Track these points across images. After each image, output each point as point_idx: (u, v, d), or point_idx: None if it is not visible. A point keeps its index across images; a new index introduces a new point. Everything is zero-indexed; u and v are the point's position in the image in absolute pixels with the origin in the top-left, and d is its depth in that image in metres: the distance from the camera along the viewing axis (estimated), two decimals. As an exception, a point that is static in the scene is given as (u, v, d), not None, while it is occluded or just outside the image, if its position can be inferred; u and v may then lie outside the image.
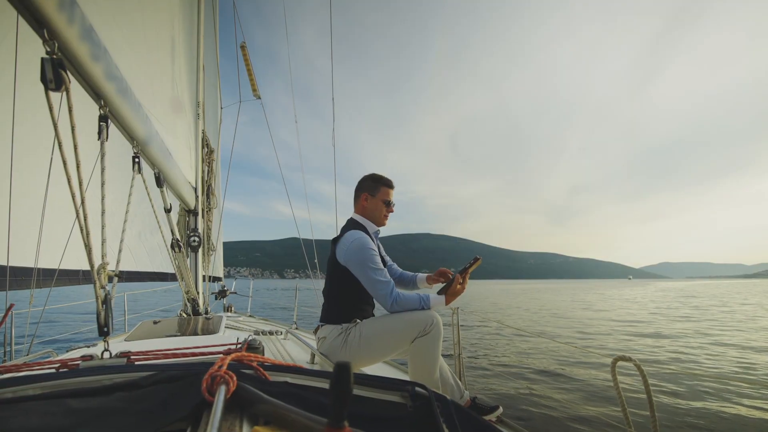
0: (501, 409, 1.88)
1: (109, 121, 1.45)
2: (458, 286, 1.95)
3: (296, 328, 3.57)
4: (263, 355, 1.42)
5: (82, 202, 1.16)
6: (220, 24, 4.41)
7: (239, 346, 1.45)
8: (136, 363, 1.21)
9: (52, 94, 1.06)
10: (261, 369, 0.93)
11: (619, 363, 1.40)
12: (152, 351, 1.32)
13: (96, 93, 1.33)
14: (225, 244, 6.13)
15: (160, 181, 2.17)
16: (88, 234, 1.20)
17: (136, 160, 1.79)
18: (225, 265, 6.50)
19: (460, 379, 2.46)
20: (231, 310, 5.11)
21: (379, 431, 0.80)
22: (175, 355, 1.32)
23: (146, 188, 1.92)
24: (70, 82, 1.08)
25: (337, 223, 3.65)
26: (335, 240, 2.03)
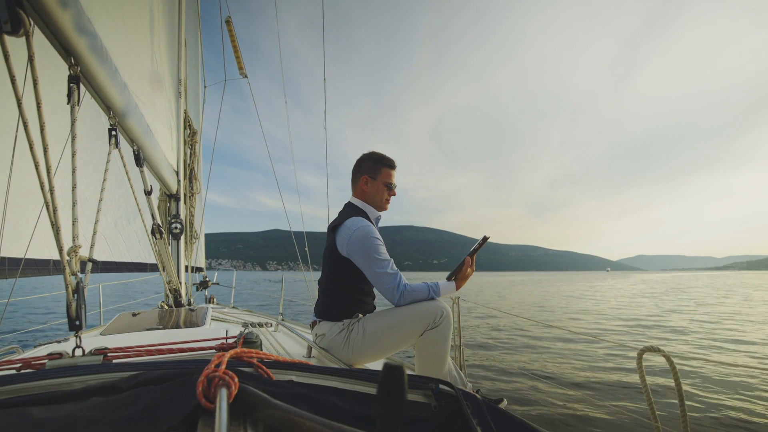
0: (505, 402, 1.78)
1: (81, 85, 1.26)
2: (469, 269, 1.83)
3: (283, 320, 3.43)
4: (261, 349, 1.28)
5: (48, 172, 0.98)
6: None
7: (234, 340, 1.30)
8: (114, 361, 1.06)
9: (9, 40, 0.88)
10: (263, 367, 0.80)
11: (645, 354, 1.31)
12: (133, 347, 1.16)
13: (65, 48, 1.14)
14: (206, 235, 5.91)
15: (139, 159, 1.97)
16: (55, 211, 1.03)
17: (113, 133, 1.59)
18: (206, 257, 6.27)
19: (462, 371, 2.36)
20: (213, 302, 4.91)
21: None
22: (160, 351, 1.17)
23: (124, 165, 1.72)
24: (32, 25, 0.90)
25: (328, 213, 3.50)
26: (334, 228, 1.85)
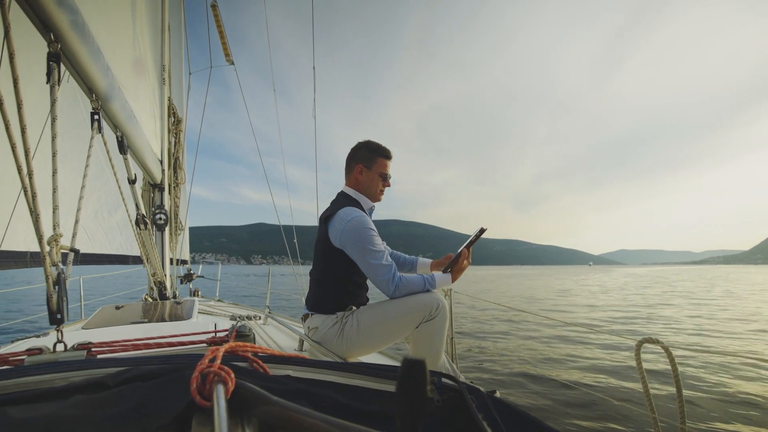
0: (498, 394, 1.77)
1: (62, 64, 1.19)
2: (465, 262, 1.81)
3: (270, 312, 3.37)
4: (254, 342, 1.23)
5: (27, 155, 0.92)
6: (187, -18, 4.01)
7: (226, 333, 1.25)
8: (99, 357, 1.00)
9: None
10: (259, 361, 0.76)
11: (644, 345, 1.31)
12: (118, 341, 1.10)
13: (43, 22, 1.06)
14: (189, 229, 5.78)
15: (123, 146, 1.88)
16: (34, 197, 0.96)
17: (96, 117, 1.51)
18: (190, 251, 6.14)
19: (453, 362, 2.35)
20: (198, 295, 4.82)
21: None
22: (147, 346, 1.11)
23: (108, 152, 1.64)
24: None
25: (317, 206, 3.45)
26: (326, 218, 1.79)
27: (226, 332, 1.31)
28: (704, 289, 21.21)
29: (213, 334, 1.34)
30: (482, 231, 1.85)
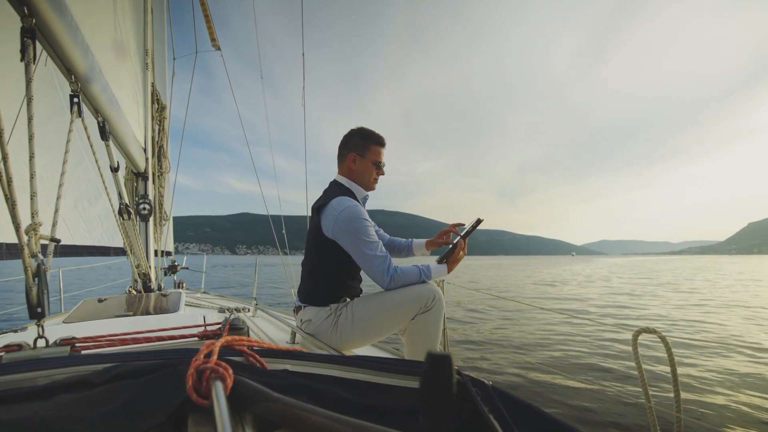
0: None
1: (37, 41, 1.10)
2: (461, 252, 1.79)
3: (257, 305, 3.32)
4: (248, 336, 1.19)
5: (0, 137, 0.85)
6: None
7: (218, 327, 1.21)
8: (84, 353, 0.95)
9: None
10: (255, 355, 0.72)
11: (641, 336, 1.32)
12: (104, 336, 1.04)
13: (17, -6, 0.98)
14: (173, 218, 5.64)
15: (104, 132, 1.79)
16: (10, 182, 0.89)
17: (75, 100, 1.43)
18: (174, 241, 6.00)
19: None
20: (182, 287, 4.72)
21: (409, 425, 0.66)
22: (135, 341, 1.06)
23: (88, 137, 1.56)
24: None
25: (307, 195, 3.38)
26: (318, 208, 1.75)
27: (218, 326, 1.26)
28: (688, 279, 21.73)
29: (203, 328, 1.29)
30: (478, 222, 1.84)
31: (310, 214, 3.23)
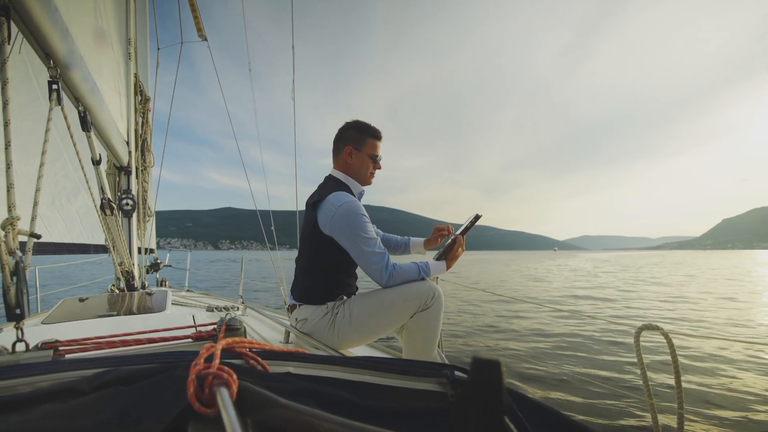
0: None
1: (12, 20, 1.02)
2: (459, 249, 1.76)
3: (243, 302, 3.24)
4: (245, 337, 1.13)
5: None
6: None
7: (213, 327, 1.14)
8: (68, 357, 0.87)
9: None
10: (258, 358, 0.67)
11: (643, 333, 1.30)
12: (90, 339, 0.97)
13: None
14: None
15: (86, 122, 1.69)
16: (-16, 172, 0.81)
17: (54, 87, 1.34)
18: (156, 236, 5.84)
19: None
20: (165, 285, 4.59)
21: (420, 428, 0.61)
22: (124, 343, 0.99)
23: (68, 127, 1.46)
24: None
25: (296, 190, 3.31)
26: (314, 203, 1.68)
27: (212, 326, 1.20)
28: (669, 274, 22.21)
29: (196, 329, 1.22)
30: (477, 218, 1.81)
31: (298, 208, 3.17)
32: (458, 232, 1.79)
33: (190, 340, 1.08)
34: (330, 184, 1.75)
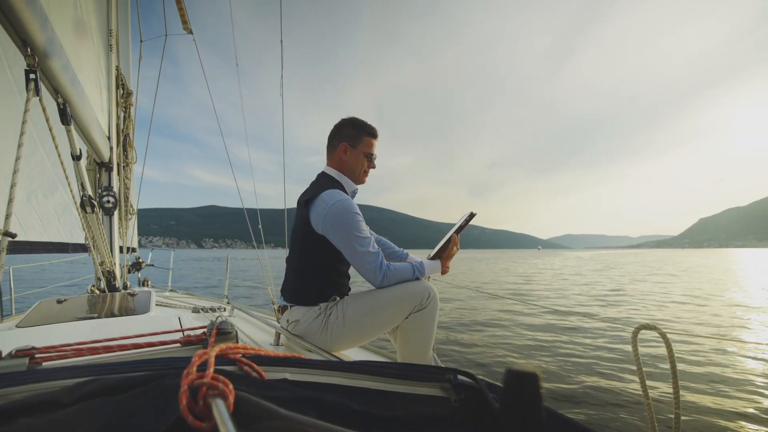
0: None
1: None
2: (455, 248, 1.73)
3: (228, 302, 3.16)
4: (237, 340, 1.08)
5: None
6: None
7: (203, 331, 1.09)
8: (45, 365, 0.81)
9: None
10: (253, 364, 0.63)
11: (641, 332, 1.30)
12: (69, 345, 0.91)
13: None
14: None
15: (66, 115, 1.60)
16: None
17: (32, 77, 1.26)
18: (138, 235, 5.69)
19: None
20: (148, 285, 4.46)
21: None
22: (107, 349, 0.93)
23: (47, 120, 1.38)
24: None
25: (285, 188, 3.24)
26: (307, 201, 1.63)
27: (201, 330, 1.14)
28: (651, 272, 22.60)
29: (183, 332, 1.17)
30: (471, 216, 1.78)
31: (285, 207, 3.10)
32: (453, 230, 1.76)
33: (178, 344, 1.03)
34: (323, 182, 1.71)
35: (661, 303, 9.54)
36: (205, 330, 1.09)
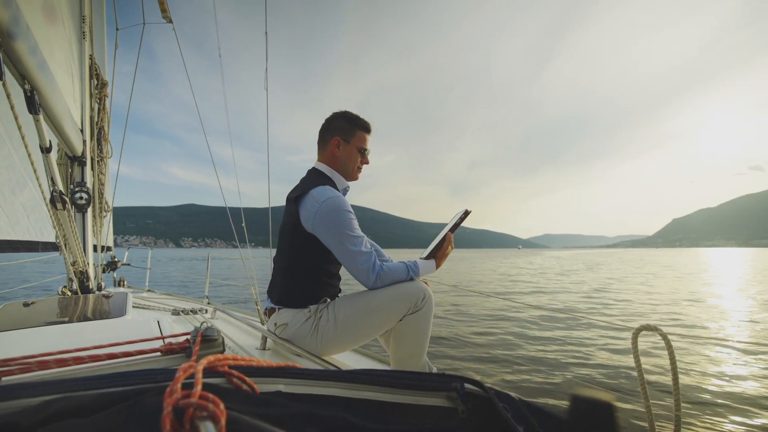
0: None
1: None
2: (449, 247, 1.68)
3: (209, 303, 3.03)
4: (224, 348, 1.00)
5: None
6: None
7: (186, 338, 1.00)
8: (5, 380, 0.72)
9: None
10: (244, 377, 0.56)
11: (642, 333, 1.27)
12: (34, 356, 0.81)
13: None
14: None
15: (34, 103, 1.48)
16: None
17: (-6, 59, 1.14)
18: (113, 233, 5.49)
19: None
20: (124, 285, 4.28)
21: None
22: (77, 360, 0.83)
23: (12, 108, 1.26)
24: None
25: (269, 186, 3.14)
26: (296, 198, 1.55)
27: (184, 336, 1.05)
28: (636, 270, 23.00)
29: (162, 341, 1.08)
30: (466, 214, 1.73)
31: (269, 205, 3.00)
32: (447, 229, 1.71)
33: (158, 353, 0.94)
34: (313, 178, 1.63)
35: (661, 303, 9.56)
36: (188, 337, 1.01)
